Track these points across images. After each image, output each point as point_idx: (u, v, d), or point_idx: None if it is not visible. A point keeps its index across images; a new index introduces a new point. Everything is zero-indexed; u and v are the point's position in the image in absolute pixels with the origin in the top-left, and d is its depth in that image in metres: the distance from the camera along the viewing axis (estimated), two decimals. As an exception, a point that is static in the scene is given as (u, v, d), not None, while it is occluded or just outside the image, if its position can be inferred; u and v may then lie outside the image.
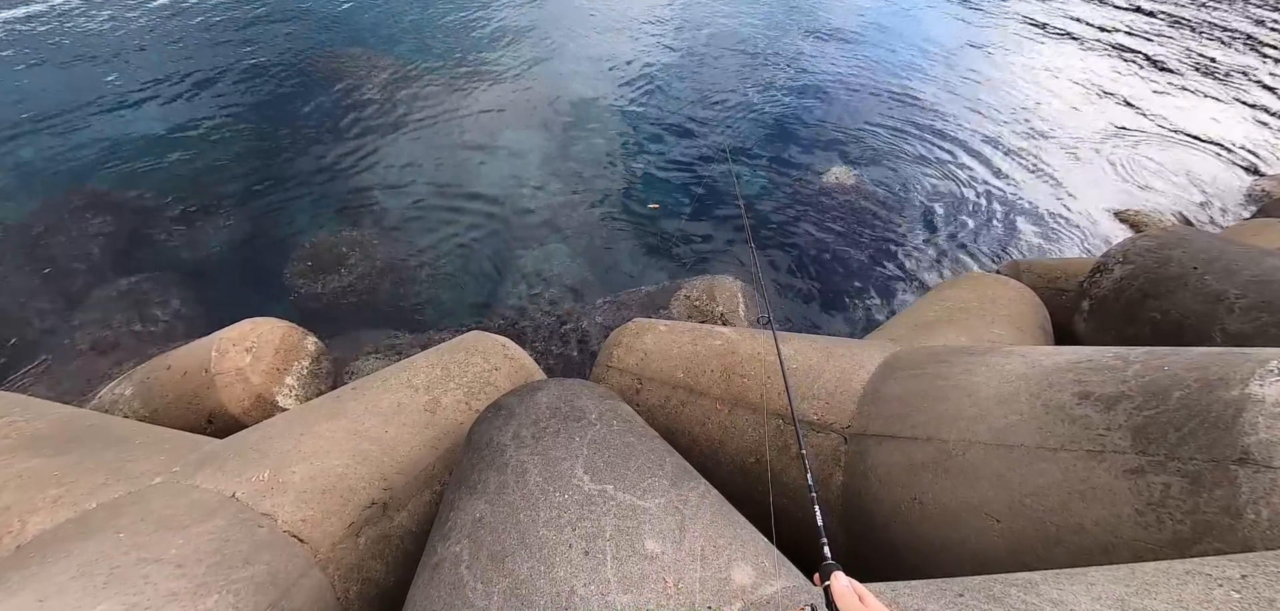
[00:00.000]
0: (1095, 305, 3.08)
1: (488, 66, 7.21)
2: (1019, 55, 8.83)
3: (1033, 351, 1.96)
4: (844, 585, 0.83)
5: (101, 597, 1.35)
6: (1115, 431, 1.52)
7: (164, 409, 2.95)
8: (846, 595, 0.81)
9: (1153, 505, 1.39)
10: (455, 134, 6.09)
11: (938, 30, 9.44)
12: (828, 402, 2.14)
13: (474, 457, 1.73)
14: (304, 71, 6.90)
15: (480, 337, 2.67)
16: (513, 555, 1.32)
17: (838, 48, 8.49)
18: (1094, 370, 1.69)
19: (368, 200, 5.28)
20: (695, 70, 7.57)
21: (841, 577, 0.85)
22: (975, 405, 1.81)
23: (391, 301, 4.43)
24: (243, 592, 1.50)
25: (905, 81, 7.78)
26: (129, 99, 6.31)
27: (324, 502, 1.84)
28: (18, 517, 1.76)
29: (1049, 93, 7.85)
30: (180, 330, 4.15)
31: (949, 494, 1.74)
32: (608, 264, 4.80)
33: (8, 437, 2.05)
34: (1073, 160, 6.51)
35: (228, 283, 4.55)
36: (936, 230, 5.42)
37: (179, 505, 1.70)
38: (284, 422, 2.16)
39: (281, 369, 3.16)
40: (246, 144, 5.78)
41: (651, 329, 2.73)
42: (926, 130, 6.76)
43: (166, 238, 4.83)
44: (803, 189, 5.70)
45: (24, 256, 4.58)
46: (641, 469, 1.57)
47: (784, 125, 6.65)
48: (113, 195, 5.14)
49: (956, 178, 6.08)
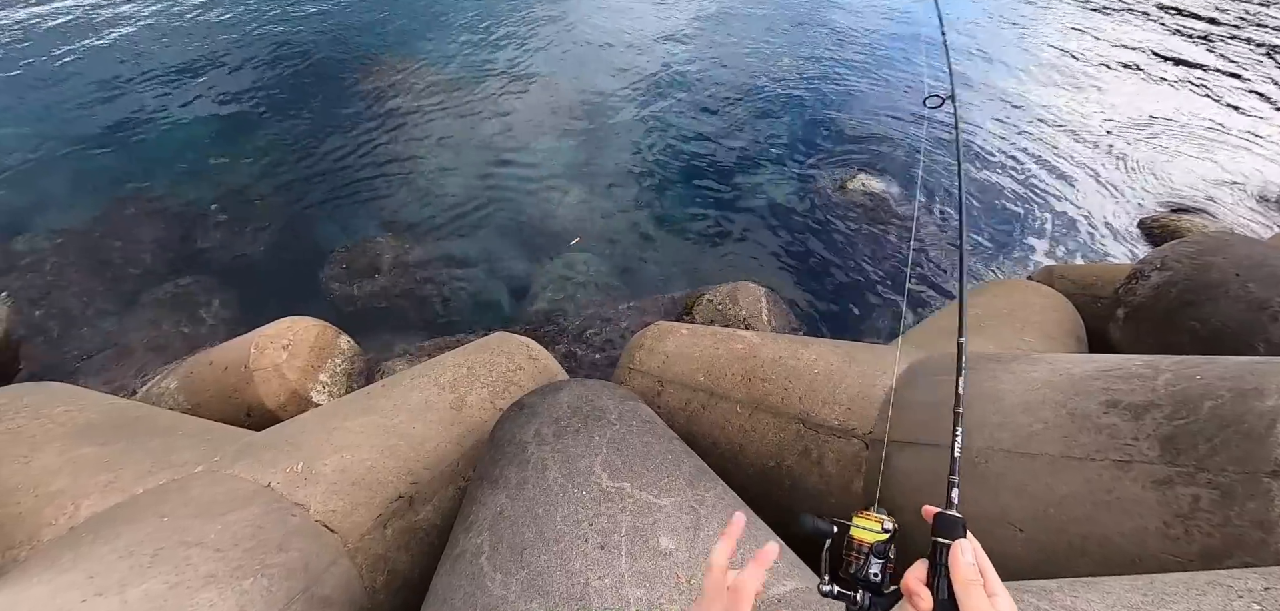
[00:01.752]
0: (1131, 313, 3.00)
1: (518, 75, 7.34)
2: (1052, 54, 8.61)
3: (1060, 358, 1.93)
4: (969, 559, 0.69)
5: (147, 576, 1.43)
6: (1143, 440, 1.49)
7: (205, 402, 3.09)
8: (969, 570, 0.68)
9: (1181, 517, 1.36)
10: (485, 141, 6.21)
11: (967, 29, 9.26)
12: (849, 408, 2.13)
13: (496, 453, 1.78)
14: (341, 80, 7.14)
15: (505, 338, 2.73)
16: (531, 547, 1.36)
17: (862, 48, 8.40)
18: (1123, 378, 1.66)
19: (400, 206, 5.42)
20: (720, 75, 7.57)
21: (968, 550, 0.69)
22: (999, 412, 1.79)
23: (421, 303, 4.55)
24: (276, 577, 1.57)
25: (933, 83, 7.66)
26: (179, 109, 6.61)
27: (353, 494, 1.90)
28: (71, 500, 1.87)
29: (1084, 93, 7.64)
30: (222, 328, 4.33)
31: (971, 502, 1.72)
32: (631, 268, 4.84)
33: (63, 426, 2.17)
34: (1109, 162, 6.33)
35: (267, 283, 4.72)
36: (968, 233, 5.31)
37: (218, 493, 1.79)
38: (317, 417, 2.25)
39: (316, 366, 3.27)
40: (286, 151, 6.00)
41: (673, 332, 2.75)
42: (951, 132, 6.63)
43: (211, 241, 5.04)
44: (826, 194, 5.65)
45: (84, 258, 4.84)
46: (659, 468, 1.59)
47: (808, 129, 6.61)
48: (164, 201, 5.39)
49: (986, 181, 5.96)
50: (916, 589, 0.71)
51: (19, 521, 1.85)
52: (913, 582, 0.71)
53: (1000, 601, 0.67)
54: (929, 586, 0.70)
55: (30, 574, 1.47)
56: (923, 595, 0.70)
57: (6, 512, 1.87)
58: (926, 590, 0.70)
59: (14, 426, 2.14)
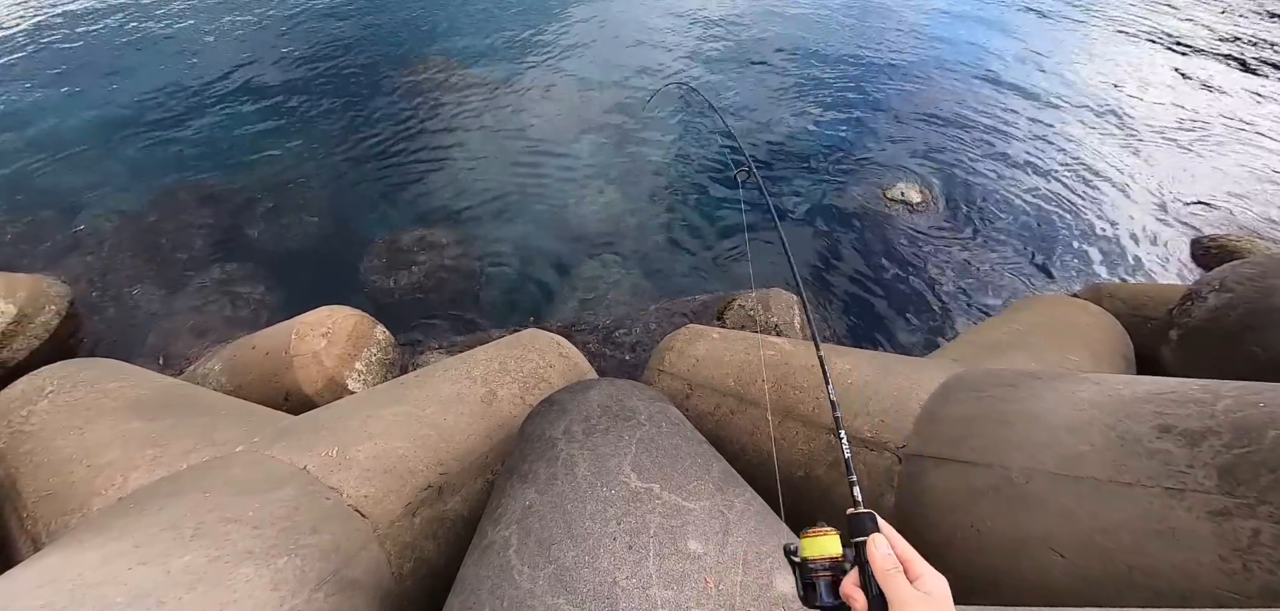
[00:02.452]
0: (1185, 336, 2.86)
1: (555, 76, 7.40)
2: (1107, 60, 8.30)
3: (1109, 379, 1.85)
4: (884, 551, 0.73)
5: (189, 549, 1.48)
6: (1199, 469, 1.42)
7: (247, 384, 3.19)
8: (886, 560, 0.72)
9: (1239, 551, 1.29)
10: (522, 139, 6.29)
11: (1012, 30, 9.00)
12: (883, 420, 2.09)
13: (526, 449, 1.79)
14: (384, 77, 7.31)
15: (536, 335, 2.75)
16: (559, 543, 1.36)
17: (903, 51, 8.24)
18: (1178, 403, 1.58)
19: (437, 200, 5.52)
20: (757, 77, 7.51)
21: (881, 542, 0.74)
22: (1043, 432, 1.72)
23: (455, 297, 4.62)
24: (309, 557, 1.61)
25: (977, 88, 7.47)
26: (230, 101, 6.86)
27: (385, 481, 1.94)
28: (120, 472, 1.95)
29: (1140, 100, 7.35)
30: (264, 313, 4.48)
31: (1010, 523, 1.66)
32: (662, 270, 4.84)
33: (116, 401, 2.27)
34: (1167, 174, 6.06)
35: (308, 271, 4.86)
36: (1009, 248, 5.16)
37: (257, 473, 1.84)
38: (352, 404, 2.29)
39: (352, 354, 3.35)
40: (330, 145, 6.17)
41: (704, 336, 2.74)
42: (1000, 140, 6.46)
43: (257, 229, 5.21)
44: (865, 201, 5.55)
45: (138, 240, 5.05)
46: (688, 471, 1.58)
47: (847, 135, 6.51)
48: (213, 188, 5.60)
49: (1034, 192, 5.78)
50: (851, 593, 0.74)
51: (72, 489, 1.93)
52: (849, 587, 0.75)
53: (926, 581, 0.71)
54: (861, 587, 0.74)
55: (82, 540, 1.53)
56: (856, 597, 0.74)
57: (61, 481, 1.96)
58: (859, 591, 0.74)
59: (72, 399, 2.25)
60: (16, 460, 2.08)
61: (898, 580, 0.70)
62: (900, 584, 0.70)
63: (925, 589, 0.70)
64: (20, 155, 6.04)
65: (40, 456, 2.05)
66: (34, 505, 1.95)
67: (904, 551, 0.73)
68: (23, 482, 2.02)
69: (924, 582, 0.71)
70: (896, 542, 0.74)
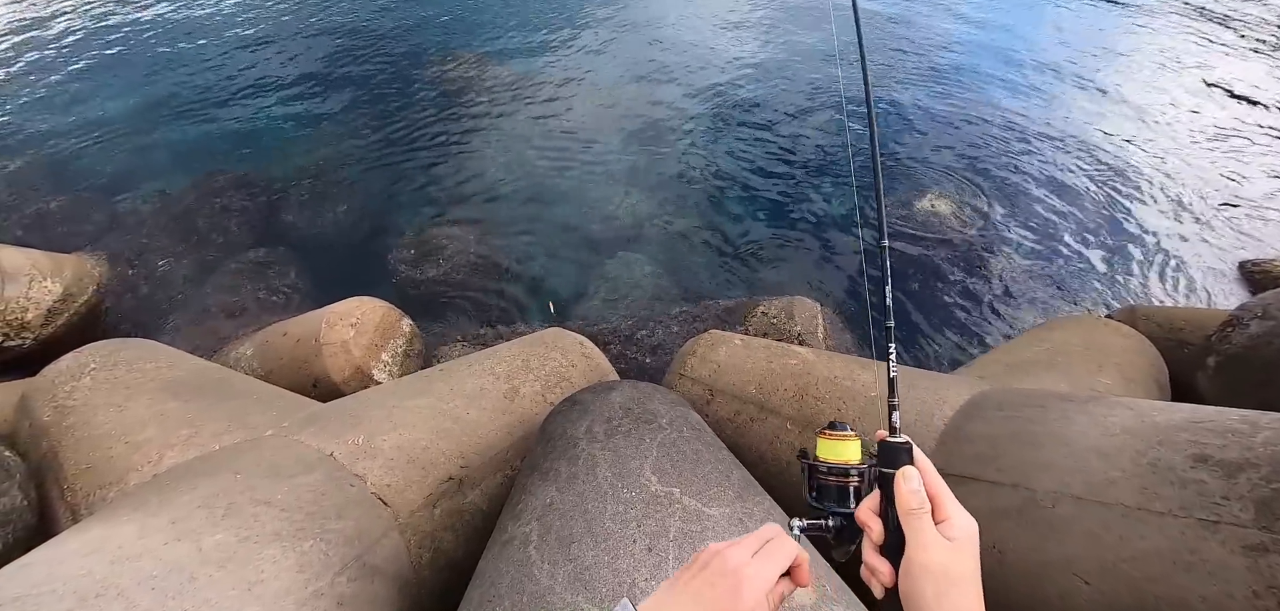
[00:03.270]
0: (1224, 363, 2.78)
1: (585, 77, 7.44)
2: (1151, 72, 8.08)
3: (1142, 404, 1.81)
4: (913, 486, 0.65)
5: (220, 528, 1.52)
6: (1235, 501, 1.38)
7: (278, 370, 3.27)
8: (912, 497, 0.64)
9: (1274, 588, 1.25)
10: (550, 137, 6.34)
11: (1050, 37, 8.81)
12: (905, 435, 2.06)
13: (547, 447, 1.81)
14: (417, 72, 7.43)
15: (559, 334, 2.78)
16: (579, 542, 1.37)
17: (935, 60, 8.12)
18: (1215, 432, 1.54)
19: (466, 196, 5.60)
20: (787, 83, 7.46)
21: (912, 475, 0.66)
22: (1071, 455, 1.69)
23: (480, 293, 4.68)
24: (333, 542, 1.65)
25: (1011, 99, 7.33)
26: (268, 91, 7.03)
27: (408, 472, 1.97)
28: (157, 449, 2.02)
29: (1184, 114, 7.14)
30: (295, 299, 4.58)
31: (1033, 547, 1.63)
32: (686, 274, 4.83)
33: (154, 380, 2.35)
34: (1210, 192, 5.88)
35: (338, 260, 4.96)
36: (1041, 264, 5.06)
37: (286, 457, 1.88)
38: (378, 394, 2.34)
39: (379, 345, 3.41)
40: (363, 137, 6.29)
41: (727, 342, 2.73)
42: (1034, 154, 6.33)
43: (290, 217, 5.34)
44: (894, 211, 5.48)
45: (175, 225, 5.21)
46: (708, 477, 1.58)
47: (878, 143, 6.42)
48: (249, 175, 5.75)
49: (1069, 208, 5.65)
50: (868, 520, 0.68)
51: (111, 464, 2.01)
52: (865, 514, 0.69)
53: (953, 524, 0.64)
54: (881, 515, 0.68)
55: (120, 513, 1.59)
56: (873, 525, 0.68)
57: (101, 455, 2.03)
58: (878, 521, 0.68)
59: (113, 376, 2.33)
60: (60, 434, 2.16)
61: (921, 521, 0.63)
62: (922, 526, 0.63)
63: (950, 534, 0.63)
64: (67, 136, 6.27)
65: (81, 431, 2.13)
66: (74, 477, 2.03)
67: (935, 487, 0.67)
68: (65, 455, 2.10)
69: (950, 526, 0.64)
70: (930, 478, 0.67)
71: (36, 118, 6.60)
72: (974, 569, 0.63)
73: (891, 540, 0.66)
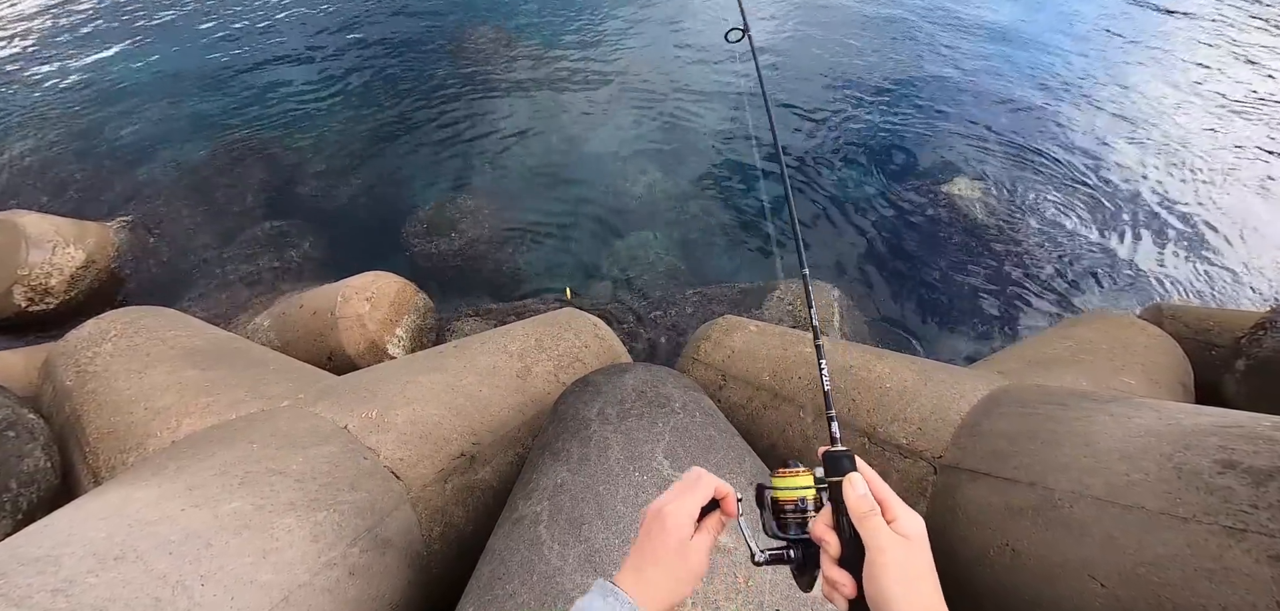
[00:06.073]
0: (1254, 367, 2.71)
1: (604, 56, 7.36)
2: (1187, 70, 7.82)
3: (1168, 406, 1.76)
4: (861, 491, 0.69)
5: (236, 496, 1.54)
6: (1264, 510, 1.34)
7: (293, 341, 3.30)
8: (862, 501, 0.68)
9: (1302, 600, 1.22)
10: (568, 116, 6.29)
11: (1088, 27, 8.56)
12: (920, 428, 2.04)
13: (559, 427, 1.81)
14: (437, 45, 7.39)
15: (573, 315, 2.77)
16: (590, 523, 1.37)
17: (970, 43, 7.92)
18: (1245, 438, 1.49)
19: (481, 172, 5.59)
20: (808, 65, 7.32)
21: (858, 481, 0.70)
22: (1092, 455, 1.66)
23: (494, 270, 4.68)
24: (346, 513, 1.66)
25: (1045, 86, 7.15)
26: (288, 64, 7.05)
27: (420, 447, 1.98)
28: (175, 417, 2.05)
29: (1220, 106, 6.92)
30: (310, 270, 4.62)
31: (1048, 547, 1.61)
32: (702, 257, 4.80)
33: (174, 348, 2.38)
34: (1245, 190, 5.71)
35: (354, 233, 4.99)
36: (1067, 259, 4.95)
37: (301, 428, 1.90)
38: (392, 369, 2.35)
39: (394, 320, 3.43)
40: (382, 111, 6.29)
41: (741, 327, 2.71)
42: (1066, 145, 6.17)
43: (307, 188, 5.37)
44: (920, 200, 5.39)
45: (194, 194, 5.27)
46: (720, 463, 1.57)
47: (903, 128, 6.31)
48: (268, 147, 5.79)
49: (1097, 204, 5.52)
50: (824, 534, 0.71)
51: (130, 429, 2.04)
52: (821, 529, 0.71)
53: (903, 523, 0.67)
54: (835, 528, 0.70)
55: (139, 478, 1.61)
56: (830, 539, 0.70)
57: (121, 420, 2.07)
58: (833, 533, 0.70)
59: (134, 343, 2.36)
60: (82, 398, 2.20)
61: (875, 522, 0.67)
62: (877, 527, 0.67)
63: (903, 531, 0.67)
64: (91, 106, 6.34)
65: (103, 396, 2.17)
66: (96, 441, 2.07)
67: (881, 491, 0.70)
68: (87, 419, 2.14)
69: (901, 524, 0.67)
70: (874, 483, 0.71)
71: (60, 87, 6.68)
72: (930, 563, 0.68)
73: (848, 552, 0.69)
